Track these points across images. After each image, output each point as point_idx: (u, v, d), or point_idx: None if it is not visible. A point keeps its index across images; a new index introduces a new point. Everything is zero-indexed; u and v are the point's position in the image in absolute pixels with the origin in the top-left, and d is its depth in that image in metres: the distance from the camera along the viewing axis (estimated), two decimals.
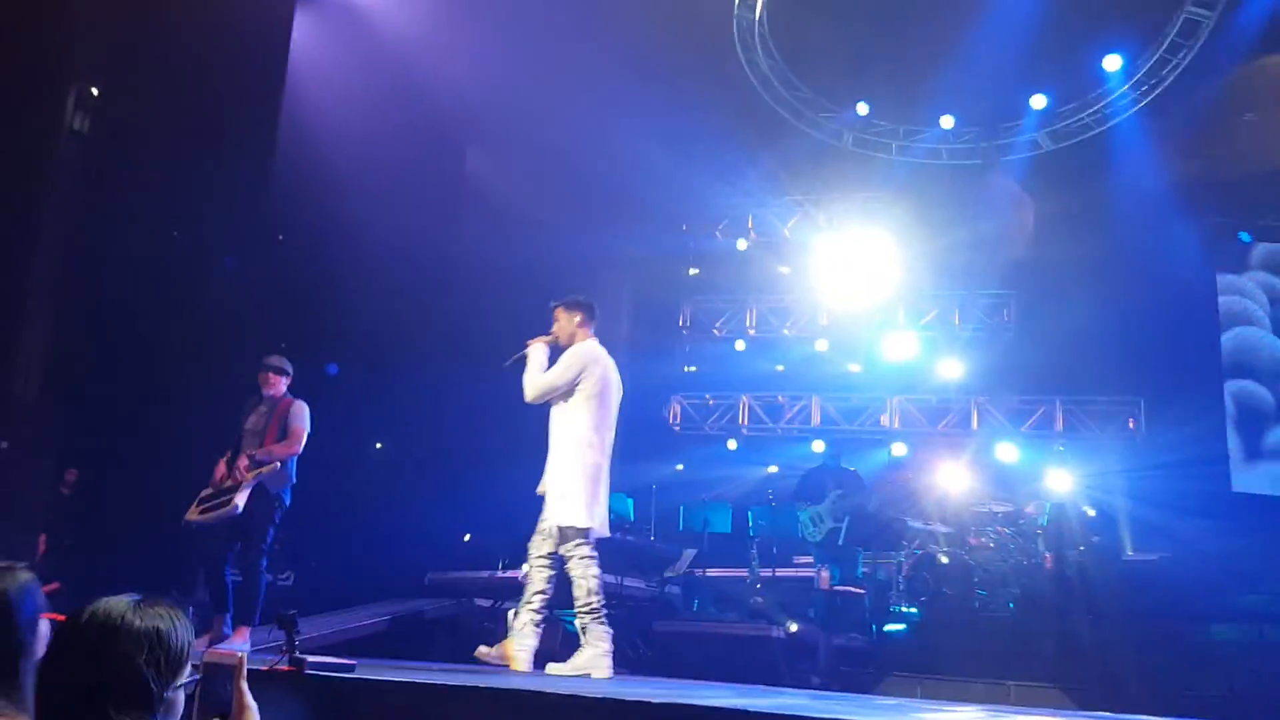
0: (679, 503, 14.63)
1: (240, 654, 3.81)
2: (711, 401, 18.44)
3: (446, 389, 14.51)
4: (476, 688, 5.18)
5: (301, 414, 9.29)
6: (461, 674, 6.51)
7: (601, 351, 8.26)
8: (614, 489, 8.70)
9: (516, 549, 8.96)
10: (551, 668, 7.76)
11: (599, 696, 5.04)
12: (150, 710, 3.13)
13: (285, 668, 5.39)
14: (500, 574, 12.51)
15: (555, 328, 8.42)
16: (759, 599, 12.59)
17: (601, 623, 7.83)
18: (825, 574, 12.56)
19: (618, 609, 10.64)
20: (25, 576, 3.50)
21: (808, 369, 18.02)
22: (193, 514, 9.07)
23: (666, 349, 18.42)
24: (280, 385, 9.41)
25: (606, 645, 7.85)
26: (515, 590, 9.23)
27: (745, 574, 13.45)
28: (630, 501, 14.10)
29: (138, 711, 3.12)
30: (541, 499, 8.09)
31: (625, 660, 10.03)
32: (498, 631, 9.06)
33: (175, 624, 3.28)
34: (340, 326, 13.84)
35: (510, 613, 8.09)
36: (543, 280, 10.51)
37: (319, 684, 5.36)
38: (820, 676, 10.97)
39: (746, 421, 18.29)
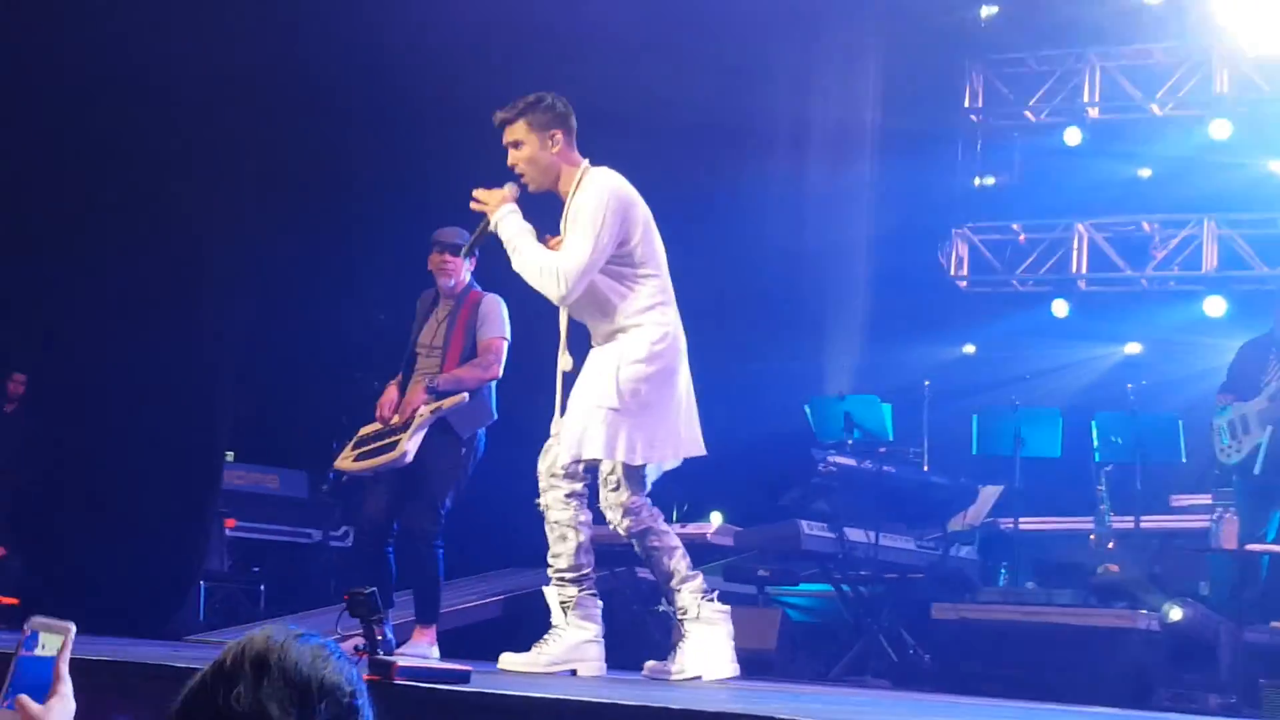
0: (970, 409, 13.04)
1: (70, 625, 3.25)
2: (1023, 236, 15.62)
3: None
4: (661, 709, 4.72)
5: (495, 316, 8.61)
6: (622, 686, 6.42)
7: (624, 180, 7.25)
8: (860, 388, 9.83)
9: (698, 491, 8.54)
10: (513, 659, 7.16)
11: None
12: None
13: (365, 675, 4.66)
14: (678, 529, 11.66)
15: (519, 159, 7.06)
16: (1112, 567, 11.85)
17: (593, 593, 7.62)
18: (1232, 523, 11.09)
19: (869, 583, 10.94)
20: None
21: (1194, 175, 14.95)
22: (345, 460, 8.64)
23: (940, 148, 15.29)
24: (460, 271, 8.71)
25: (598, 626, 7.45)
26: (702, 554, 8.86)
27: (1089, 525, 12.62)
28: (886, 409, 12.49)
29: None
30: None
31: (888, 665, 10.27)
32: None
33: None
34: None
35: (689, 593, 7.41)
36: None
37: (415, 698, 5.08)
38: (1221, 694, 10.00)
39: (1085, 268, 15.43)
